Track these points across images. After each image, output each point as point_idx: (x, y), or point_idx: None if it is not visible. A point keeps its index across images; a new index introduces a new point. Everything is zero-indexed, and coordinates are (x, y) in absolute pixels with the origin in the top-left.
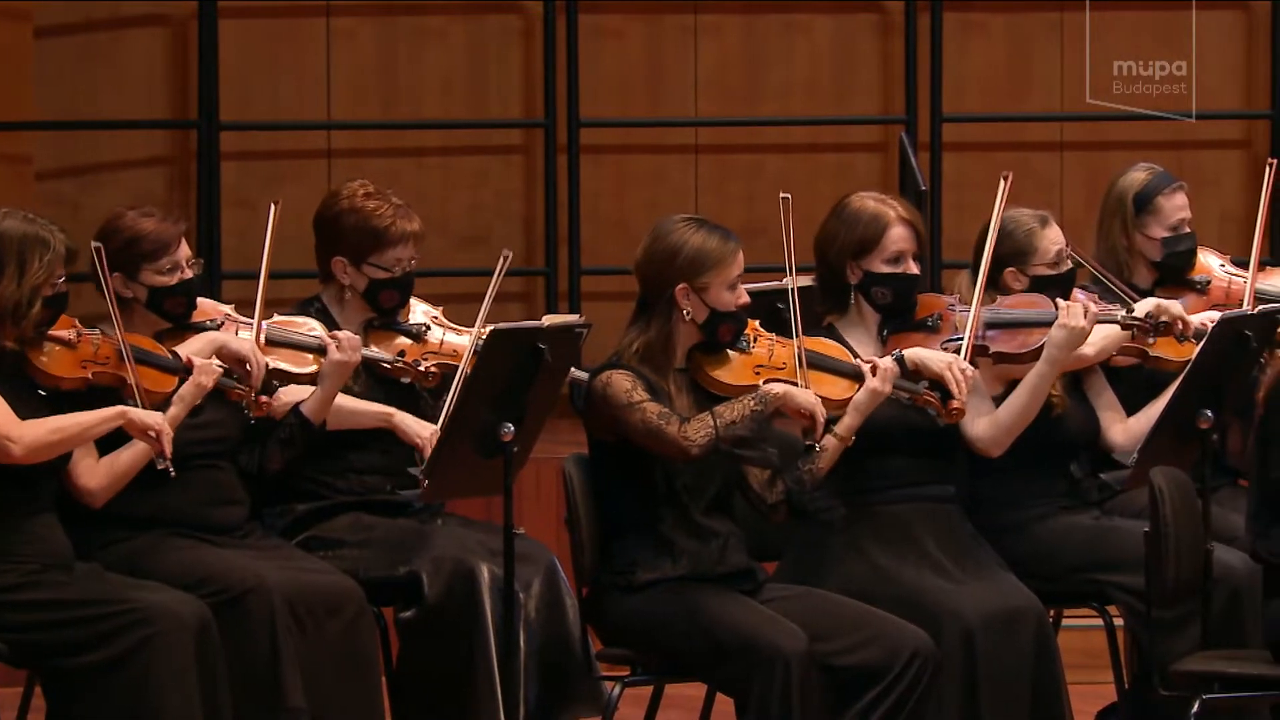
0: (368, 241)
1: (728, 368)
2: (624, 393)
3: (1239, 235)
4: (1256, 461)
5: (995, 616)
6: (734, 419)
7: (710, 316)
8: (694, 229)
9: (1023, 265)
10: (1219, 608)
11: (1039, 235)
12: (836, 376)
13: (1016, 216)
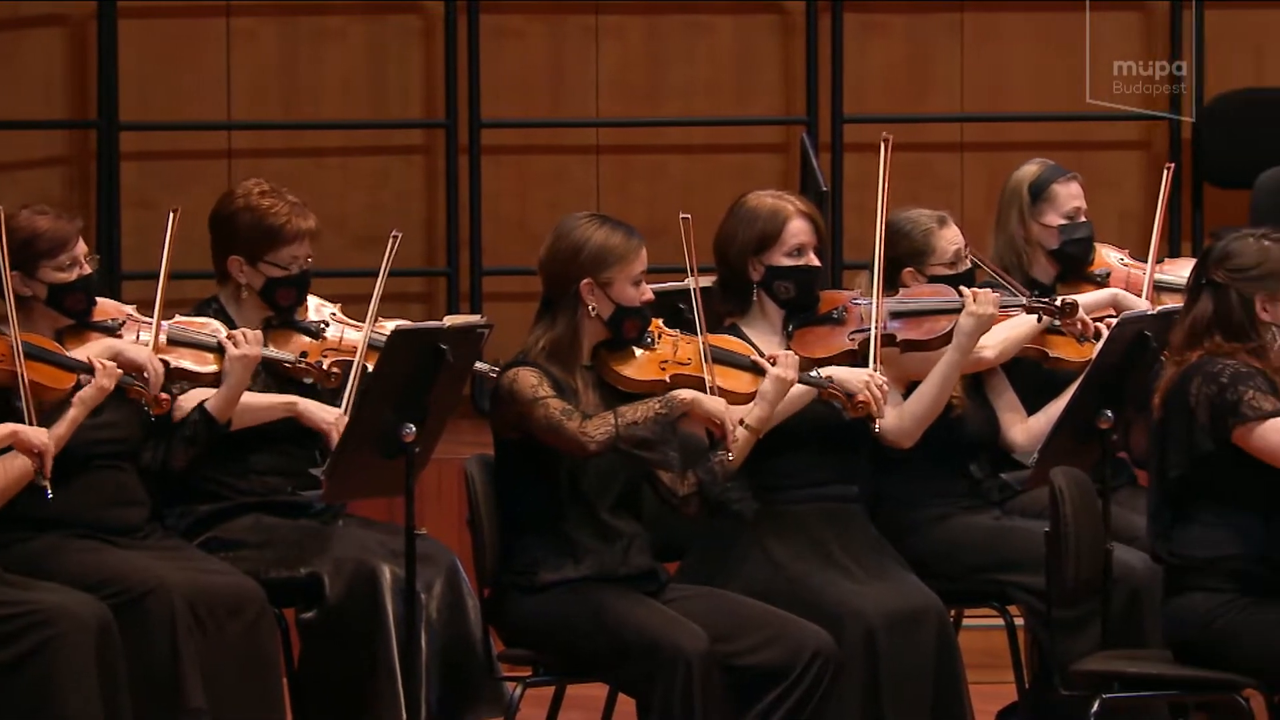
0: (263, 240)
1: (633, 364)
2: (529, 388)
3: (1138, 235)
4: (1154, 462)
5: (896, 616)
6: (636, 420)
7: (615, 312)
8: (597, 225)
9: (920, 265)
10: (1119, 607)
11: (937, 235)
12: (742, 371)
13: (914, 217)
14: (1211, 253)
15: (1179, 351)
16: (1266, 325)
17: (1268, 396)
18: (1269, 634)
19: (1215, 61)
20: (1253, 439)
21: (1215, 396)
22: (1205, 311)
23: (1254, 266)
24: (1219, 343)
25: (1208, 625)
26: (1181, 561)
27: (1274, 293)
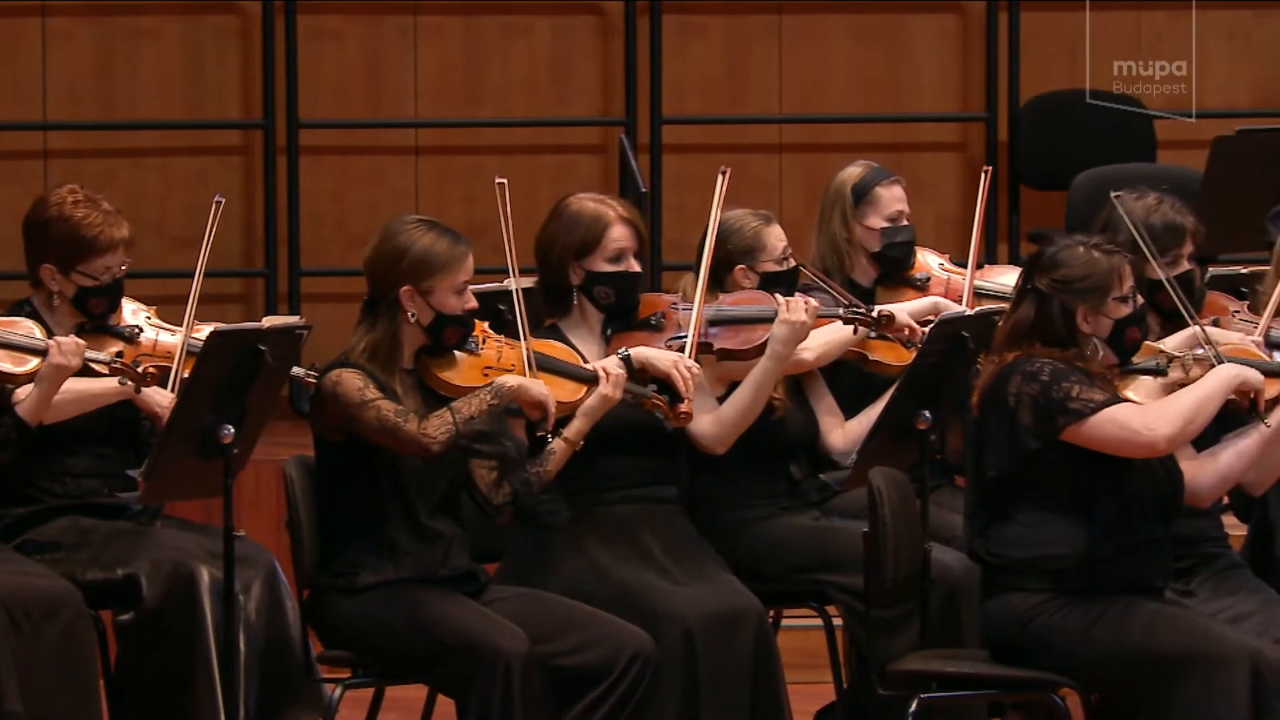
0: (76, 250)
1: (455, 369)
2: (355, 390)
3: (956, 238)
4: (971, 462)
5: (715, 617)
6: (472, 414)
7: (435, 320)
8: (424, 231)
9: (751, 262)
10: (937, 607)
11: (765, 232)
12: (565, 379)
13: (740, 215)
14: (1040, 258)
15: (998, 351)
16: (1087, 337)
17: (1093, 389)
18: (1085, 634)
19: (1031, 64)
20: (1084, 432)
21: (1039, 395)
22: (1027, 317)
23: (1080, 279)
24: (1036, 347)
25: (1025, 625)
26: (999, 561)
27: (1097, 306)
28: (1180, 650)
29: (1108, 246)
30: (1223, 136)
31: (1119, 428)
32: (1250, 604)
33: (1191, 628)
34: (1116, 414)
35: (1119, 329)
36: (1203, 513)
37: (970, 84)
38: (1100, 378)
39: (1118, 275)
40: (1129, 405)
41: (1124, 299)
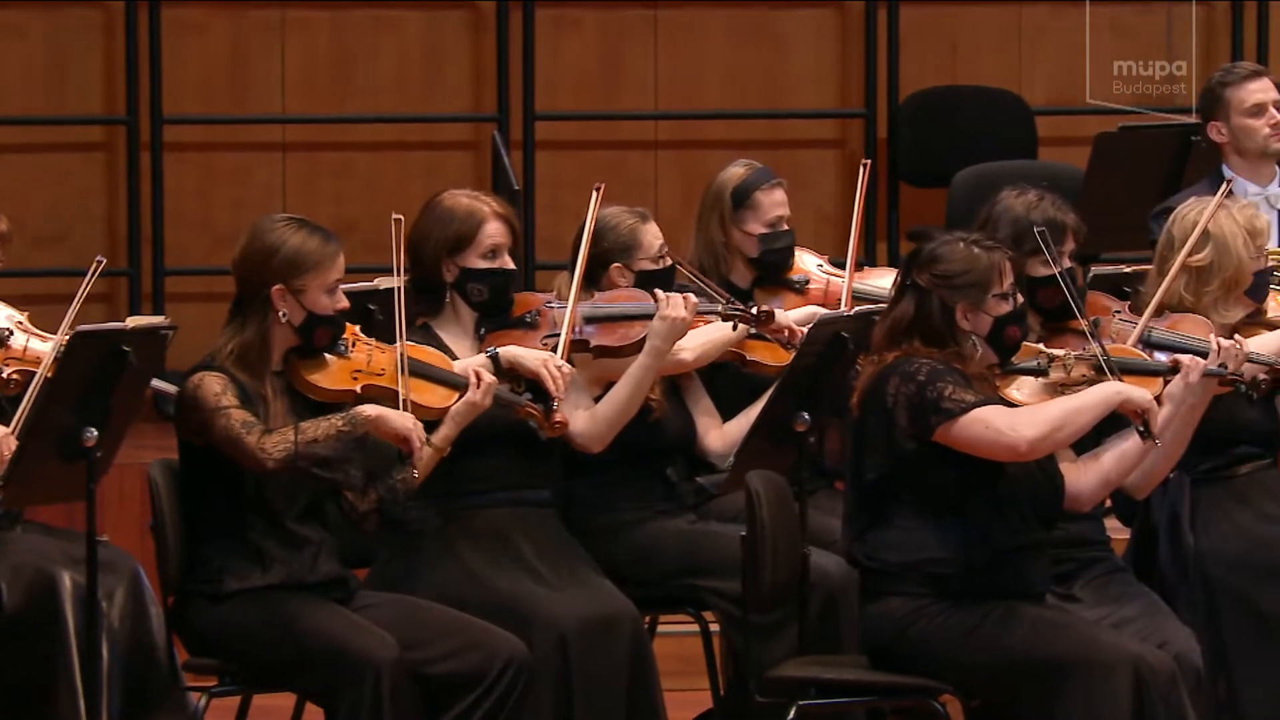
0: None
1: (324, 372)
2: (213, 396)
3: (835, 235)
4: (851, 465)
5: (590, 623)
6: (316, 437)
7: (306, 319)
8: (294, 229)
9: (627, 260)
10: (815, 612)
11: (641, 230)
12: (437, 385)
13: (616, 213)
14: (920, 254)
15: (878, 350)
16: (966, 334)
17: (967, 390)
18: (965, 639)
19: (910, 60)
20: (954, 432)
21: (914, 395)
22: (906, 314)
23: (959, 274)
24: (917, 347)
25: (904, 630)
26: (878, 565)
27: (977, 302)
28: (1062, 656)
29: (988, 243)
30: (1105, 133)
31: (985, 428)
32: (1133, 609)
33: (1074, 633)
34: (985, 415)
35: (999, 326)
36: (1085, 516)
37: (849, 80)
38: (980, 378)
39: (998, 272)
40: (999, 407)
41: (1004, 296)
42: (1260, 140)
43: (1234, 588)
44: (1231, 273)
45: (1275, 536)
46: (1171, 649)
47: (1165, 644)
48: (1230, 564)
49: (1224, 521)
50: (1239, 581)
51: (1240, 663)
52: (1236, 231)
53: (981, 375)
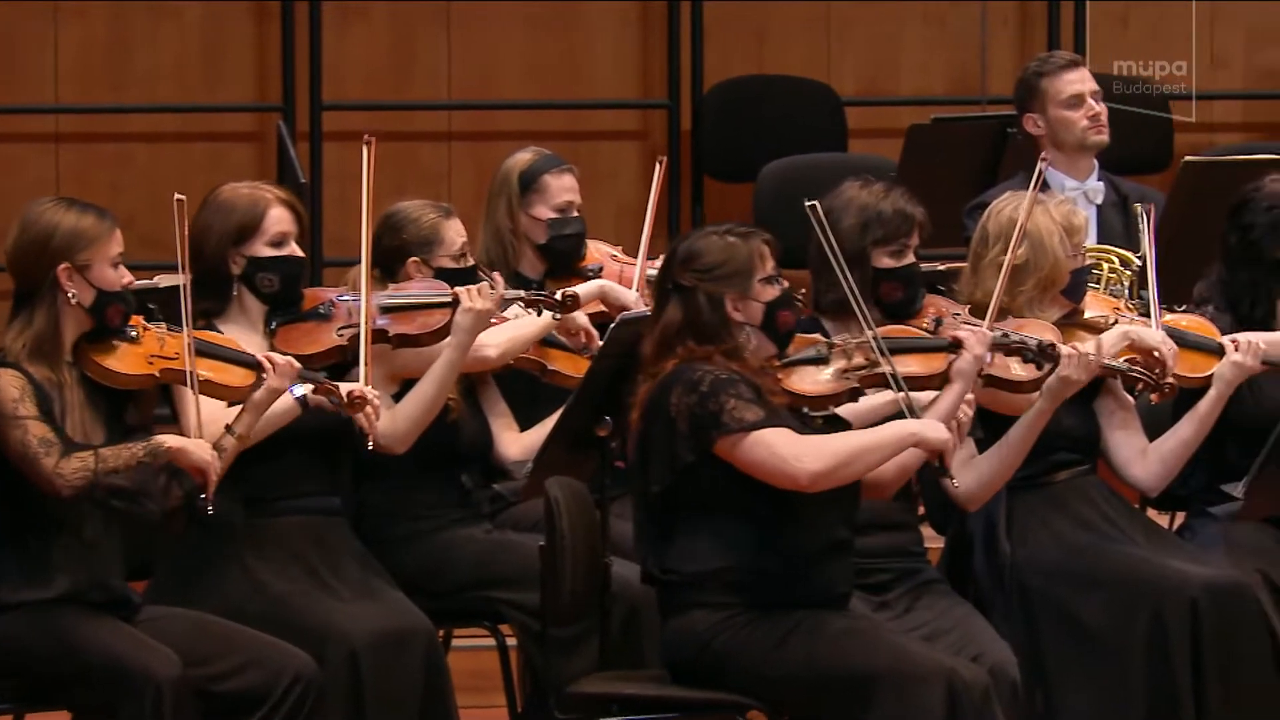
0: None
1: (118, 357)
2: (10, 402)
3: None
4: (637, 476)
5: (382, 636)
6: (117, 466)
7: (97, 298)
8: (65, 209)
9: (427, 255)
10: (617, 625)
11: (444, 226)
12: (233, 365)
13: (419, 206)
14: (675, 255)
15: (652, 363)
16: (740, 325)
17: (750, 405)
18: (772, 652)
19: (715, 48)
20: (735, 450)
21: (696, 406)
22: (675, 318)
23: (720, 265)
24: (692, 348)
25: (707, 644)
26: (675, 578)
27: (744, 291)
28: (873, 669)
29: (743, 229)
30: (917, 125)
31: (769, 453)
32: (947, 620)
33: (885, 645)
34: (770, 439)
35: (771, 312)
36: (901, 526)
37: (651, 69)
38: (761, 372)
39: (759, 256)
40: (786, 433)
41: (770, 280)
42: (1078, 133)
43: (1051, 597)
44: (1047, 271)
45: (1093, 544)
46: (986, 661)
47: (980, 656)
48: (1048, 573)
49: (1041, 529)
50: (1057, 591)
51: (1058, 675)
52: (1053, 228)
53: (762, 369)
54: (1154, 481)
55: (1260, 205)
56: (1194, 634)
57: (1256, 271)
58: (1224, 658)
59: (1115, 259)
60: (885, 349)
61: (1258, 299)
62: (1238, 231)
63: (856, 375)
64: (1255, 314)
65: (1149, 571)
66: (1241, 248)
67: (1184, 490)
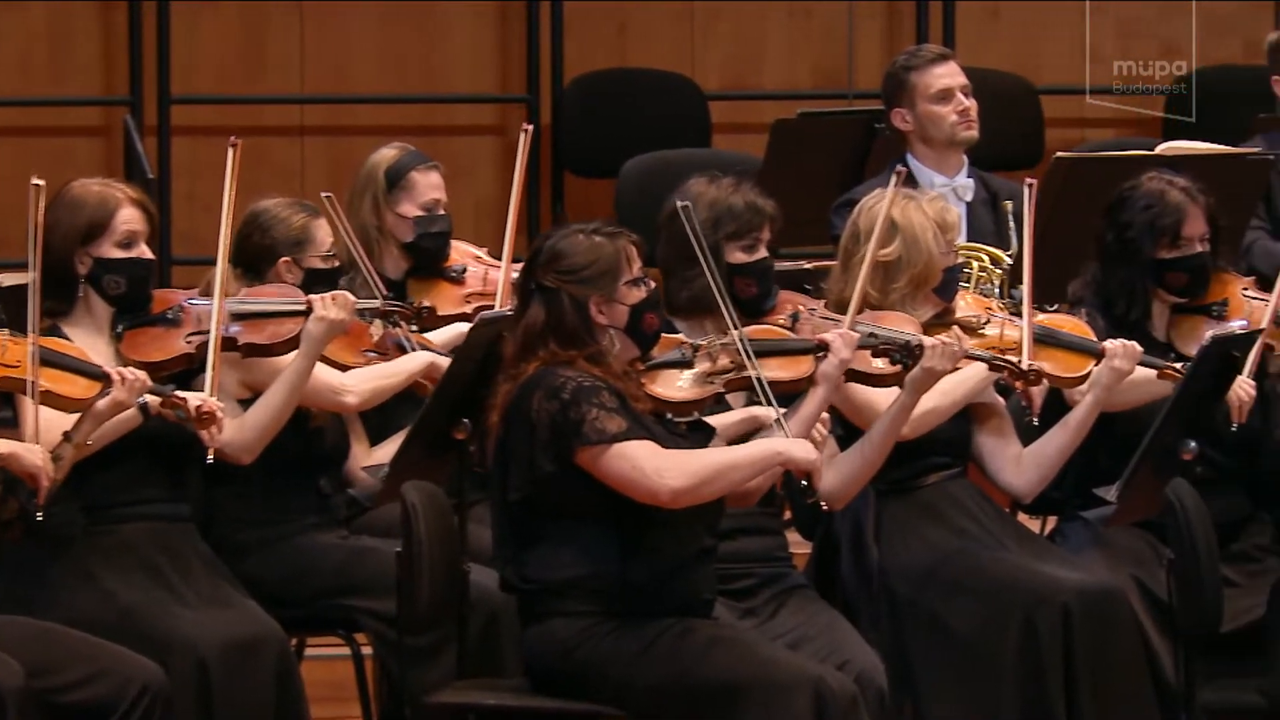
0: None
1: None
2: None
3: (496, 227)
4: (497, 482)
5: (232, 645)
6: None
7: None
8: None
9: (298, 255)
10: (476, 634)
11: (313, 225)
12: (78, 376)
13: (287, 204)
14: (539, 254)
15: (514, 364)
16: (603, 328)
17: (613, 416)
18: (636, 661)
19: (575, 40)
20: (598, 464)
21: (557, 414)
22: (537, 319)
23: (586, 266)
24: (555, 351)
25: (570, 653)
26: (536, 586)
27: (609, 294)
28: (739, 677)
29: (609, 229)
30: (783, 120)
31: (631, 467)
32: (813, 627)
33: (751, 653)
34: (632, 452)
35: (636, 315)
36: (765, 530)
37: (510, 63)
38: (625, 377)
39: (625, 258)
40: (650, 446)
41: (636, 282)
42: (947, 128)
43: (920, 604)
44: (921, 269)
45: (963, 550)
46: (853, 669)
47: (847, 664)
48: (917, 579)
49: (910, 535)
50: (926, 597)
51: (927, 683)
52: (926, 225)
53: (626, 374)
54: (1028, 488)
55: (1137, 203)
56: (1066, 641)
57: (1132, 271)
58: (1097, 664)
59: (986, 257)
60: (750, 351)
61: (1134, 299)
62: (1114, 230)
63: (721, 379)
64: (1131, 315)
65: (1020, 577)
66: (1118, 246)
67: (1056, 494)
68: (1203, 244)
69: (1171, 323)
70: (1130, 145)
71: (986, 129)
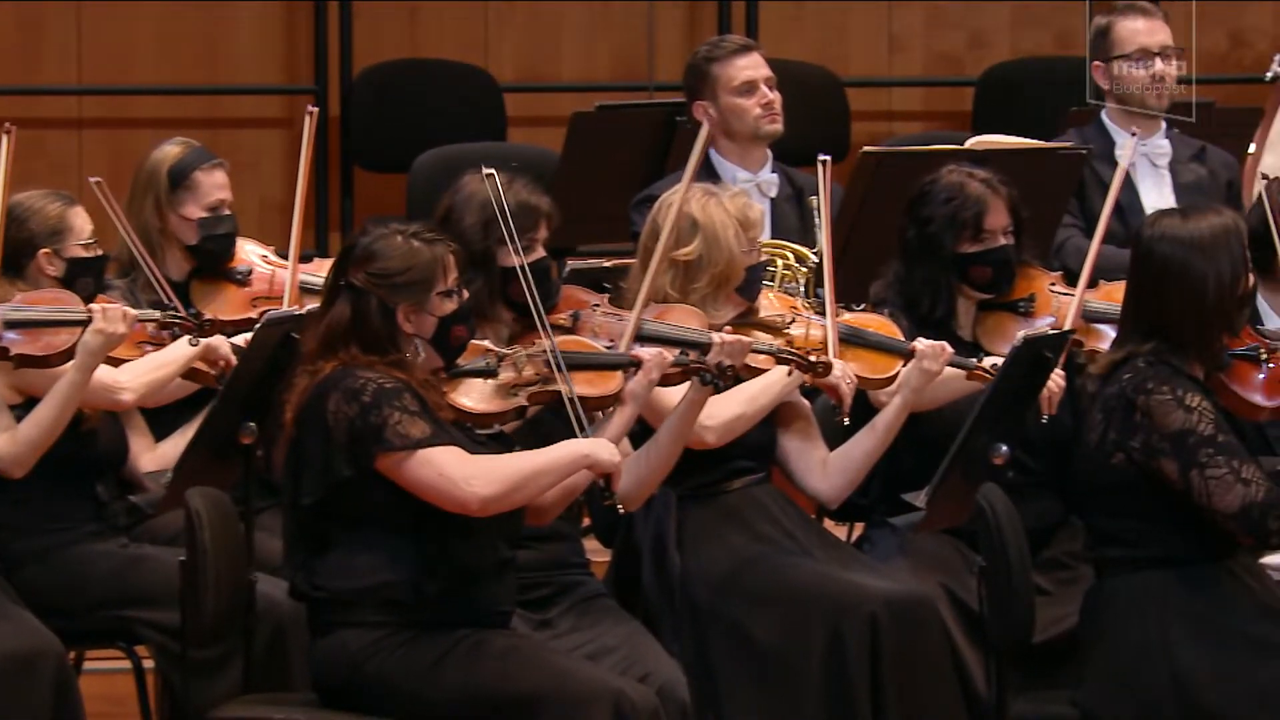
0: None
1: None
2: None
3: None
4: (288, 488)
5: (7, 659)
6: None
7: None
8: None
9: (58, 246)
10: (262, 646)
11: (70, 214)
12: None
13: (39, 195)
14: (354, 250)
15: (312, 360)
16: (409, 338)
17: (416, 420)
18: (430, 674)
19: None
20: (401, 470)
21: (357, 418)
22: (342, 317)
23: (400, 271)
24: (355, 354)
25: (359, 665)
26: (326, 595)
27: (419, 303)
28: (536, 690)
29: (429, 235)
30: (581, 113)
31: (437, 475)
32: (613, 638)
33: (548, 665)
34: (438, 459)
35: (444, 328)
36: (559, 536)
37: (297, 52)
38: (426, 385)
39: (442, 267)
40: (456, 453)
41: (449, 293)
42: (751, 122)
43: (723, 613)
44: (722, 267)
45: (768, 557)
46: (655, 681)
47: (648, 676)
48: (719, 588)
49: (713, 542)
50: (729, 606)
51: (730, 694)
52: (728, 222)
53: (428, 382)
54: (834, 493)
55: (938, 198)
56: (873, 650)
57: (935, 268)
58: (904, 676)
59: (790, 255)
60: (561, 364)
61: (938, 297)
62: (915, 226)
63: (526, 391)
64: (935, 313)
65: (826, 586)
66: (919, 242)
67: (862, 500)
68: (1006, 237)
69: (978, 320)
70: (940, 140)
71: (791, 122)
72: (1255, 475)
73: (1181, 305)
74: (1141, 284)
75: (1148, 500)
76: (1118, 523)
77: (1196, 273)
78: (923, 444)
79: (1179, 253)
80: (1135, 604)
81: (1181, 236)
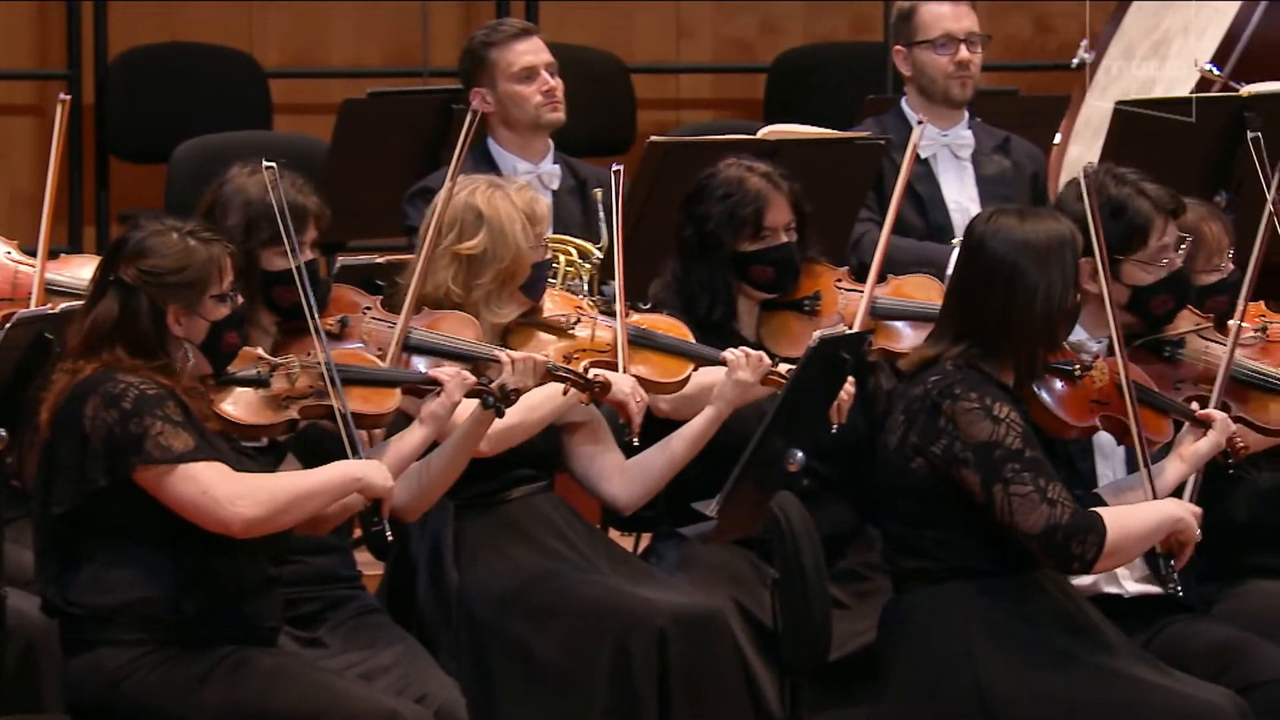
0: None
1: None
2: None
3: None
4: (39, 496)
5: None
6: None
7: None
8: None
9: None
10: (12, 664)
11: None
12: None
13: None
14: (126, 244)
15: (73, 358)
16: (179, 341)
17: (179, 431)
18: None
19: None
20: (162, 484)
21: (116, 425)
22: (109, 315)
23: (173, 271)
24: (120, 355)
25: (116, 684)
26: (80, 611)
27: (191, 305)
28: (303, 712)
29: (207, 234)
30: (352, 100)
31: (199, 490)
32: (388, 656)
33: (318, 686)
34: (202, 476)
35: (215, 333)
36: (327, 549)
37: (49, 35)
38: (193, 392)
39: (217, 269)
40: (221, 470)
41: (223, 298)
42: (532, 110)
43: (504, 630)
44: (508, 264)
45: (551, 571)
46: (432, 702)
47: (425, 697)
48: (500, 603)
49: (493, 554)
50: (510, 622)
51: (512, 715)
52: (515, 216)
53: (194, 389)
54: (632, 501)
55: (715, 194)
56: (661, 667)
57: (713, 268)
58: (693, 693)
59: (574, 251)
60: (337, 378)
61: (717, 297)
62: (692, 223)
63: (297, 404)
64: (715, 314)
65: (612, 600)
66: (697, 241)
67: (648, 512)
68: (788, 234)
69: (761, 320)
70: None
71: (574, 111)
72: (1061, 496)
73: (1005, 311)
74: (967, 280)
75: (948, 508)
76: (916, 531)
77: (1027, 280)
78: (712, 451)
79: (1011, 254)
80: (936, 614)
81: (1016, 238)
